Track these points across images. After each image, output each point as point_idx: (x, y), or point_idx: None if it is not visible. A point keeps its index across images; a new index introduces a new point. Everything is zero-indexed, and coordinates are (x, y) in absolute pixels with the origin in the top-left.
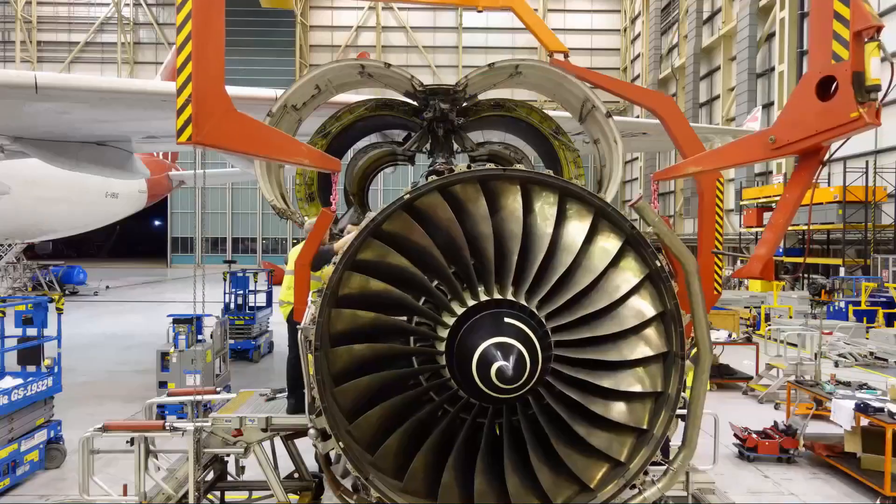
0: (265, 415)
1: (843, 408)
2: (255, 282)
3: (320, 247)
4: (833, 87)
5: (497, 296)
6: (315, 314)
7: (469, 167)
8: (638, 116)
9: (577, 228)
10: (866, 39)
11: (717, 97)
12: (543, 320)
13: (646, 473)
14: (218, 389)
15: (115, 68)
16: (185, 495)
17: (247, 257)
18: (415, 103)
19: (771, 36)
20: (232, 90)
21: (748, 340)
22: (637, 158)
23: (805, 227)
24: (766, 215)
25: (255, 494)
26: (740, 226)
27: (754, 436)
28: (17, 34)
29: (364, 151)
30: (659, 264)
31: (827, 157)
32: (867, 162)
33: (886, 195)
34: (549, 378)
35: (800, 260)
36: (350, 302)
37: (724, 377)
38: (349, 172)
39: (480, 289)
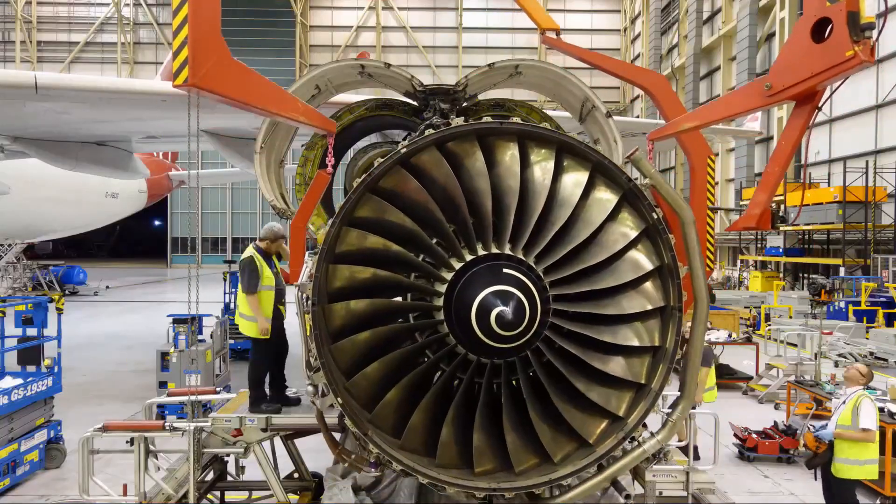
0: (265, 415)
1: None
2: None
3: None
4: (828, 29)
5: (495, 250)
6: (312, 270)
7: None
8: (638, 116)
9: (574, 182)
10: None
11: (717, 97)
12: (542, 274)
13: (644, 426)
14: (218, 389)
15: (115, 68)
16: (185, 495)
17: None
18: (415, 103)
19: (771, 36)
20: None
21: (748, 340)
22: None
23: (805, 227)
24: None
25: (255, 494)
26: None
27: (754, 436)
28: (17, 34)
29: (364, 151)
30: (656, 216)
31: (822, 101)
32: (867, 162)
33: (886, 195)
34: (548, 333)
35: (798, 259)
36: (347, 259)
37: (724, 377)
38: (349, 172)
39: (479, 245)
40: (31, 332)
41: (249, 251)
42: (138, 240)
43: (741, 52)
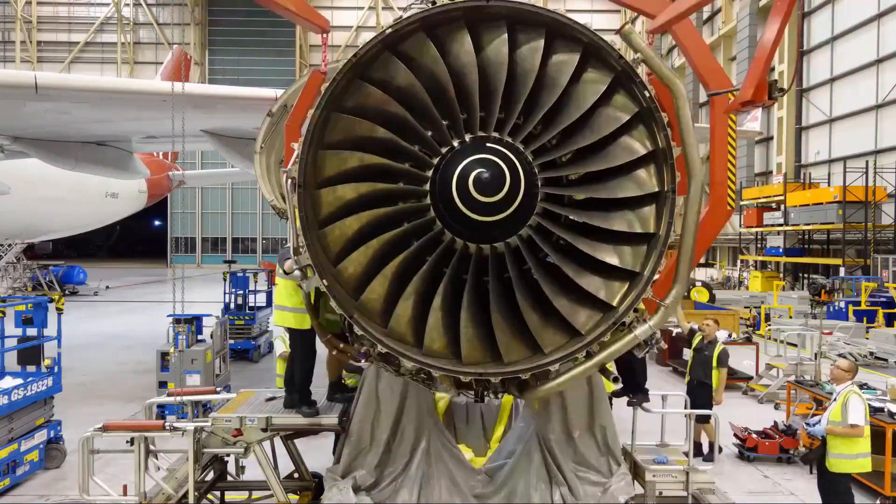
0: (265, 415)
1: None
2: (255, 282)
3: (283, 246)
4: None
5: (483, 133)
6: (299, 153)
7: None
8: None
9: (564, 64)
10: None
11: None
12: (530, 157)
13: (636, 311)
14: (218, 389)
15: (115, 68)
16: (185, 495)
17: (247, 257)
18: None
19: None
20: (232, 90)
21: (748, 340)
22: None
23: (805, 227)
24: (766, 215)
25: (255, 494)
26: (740, 225)
27: (754, 436)
28: (17, 34)
29: None
30: (648, 95)
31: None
32: (867, 162)
33: (886, 195)
34: (538, 218)
35: (798, 259)
36: (335, 146)
37: None
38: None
39: (467, 134)
40: (31, 332)
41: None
42: (138, 240)
43: (741, 52)
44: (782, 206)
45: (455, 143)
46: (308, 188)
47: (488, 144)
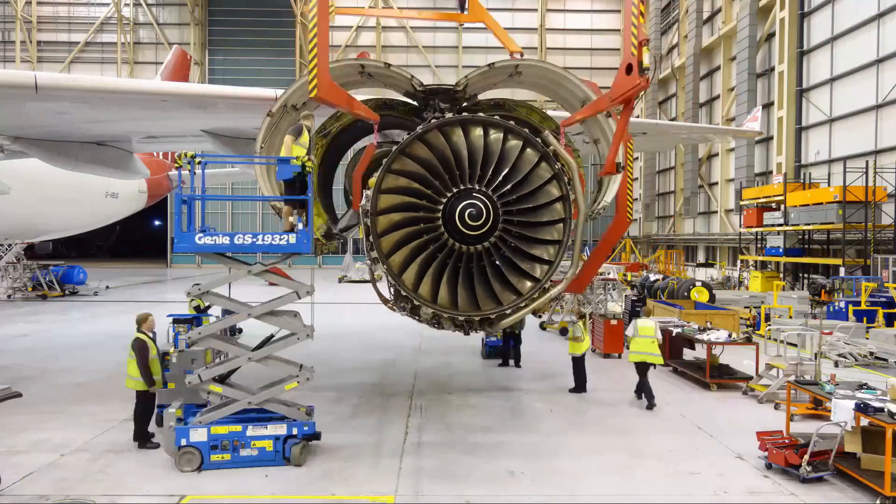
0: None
1: (843, 408)
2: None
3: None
4: (630, 68)
5: (469, 186)
6: (370, 195)
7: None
8: (638, 116)
9: (513, 148)
10: (643, 44)
11: (717, 97)
12: (496, 200)
13: (550, 282)
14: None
15: (115, 68)
16: None
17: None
18: (415, 103)
19: (771, 36)
20: (232, 90)
21: (748, 340)
22: (637, 158)
23: (805, 227)
24: (766, 215)
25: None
26: (740, 226)
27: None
28: (17, 34)
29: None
30: (559, 166)
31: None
32: (867, 162)
33: (886, 195)
34: (499, 231)
35: (798, 259)
36: (388, 191)
37: (724, 377)
38: (349, 172)
39: (461, 185)
40: None
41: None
42: (138, 240)
43: (741, 52)
44: (782, 206)
45: (454, 190)
46: (373, 215)
47: (474, 193)
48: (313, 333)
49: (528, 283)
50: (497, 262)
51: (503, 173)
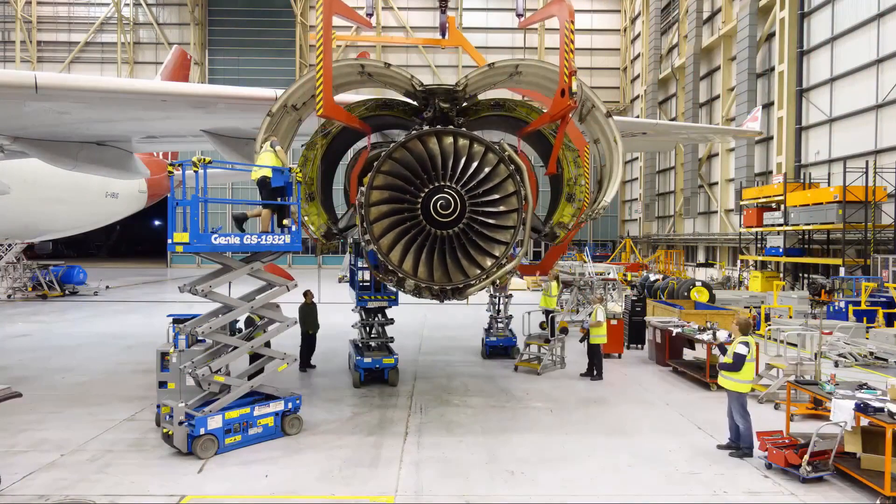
0: None
1: (843, 408)
2: None
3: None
4: (563, 92)
5: (442, 183)
6: (364, 191)
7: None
8: (638, 116)
9: (477, 153)
10: (573, 74)
11: (717, 97)
12: (464, 194)
13: (507, 258)
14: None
15: (115, 68)
16: None
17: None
18: (415, 103)
19: (771, 36)
20: (232, 90)
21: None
22: (637, 158)
23: (805, 227)
24: (766, 215)
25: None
26: (740, 225)
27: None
28: (17, 34)
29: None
30: (513, 167)
31: (566, 122)
32: (867, 162)
33: (886, 195)
34: (466, 219)
35: (798, 259)
36: (378, 188)
37: None
38: (349, 172)
39: (436, 182)
40: None
41: None
42: (138, 240)
43: (741, 52)
44: (782, 206)
45: (430, 187)
46: (367, 206)
47: (445, 188)
48: (293, 324)
49: (490, 261)
50: (465, 244)
51: (469, 173)
